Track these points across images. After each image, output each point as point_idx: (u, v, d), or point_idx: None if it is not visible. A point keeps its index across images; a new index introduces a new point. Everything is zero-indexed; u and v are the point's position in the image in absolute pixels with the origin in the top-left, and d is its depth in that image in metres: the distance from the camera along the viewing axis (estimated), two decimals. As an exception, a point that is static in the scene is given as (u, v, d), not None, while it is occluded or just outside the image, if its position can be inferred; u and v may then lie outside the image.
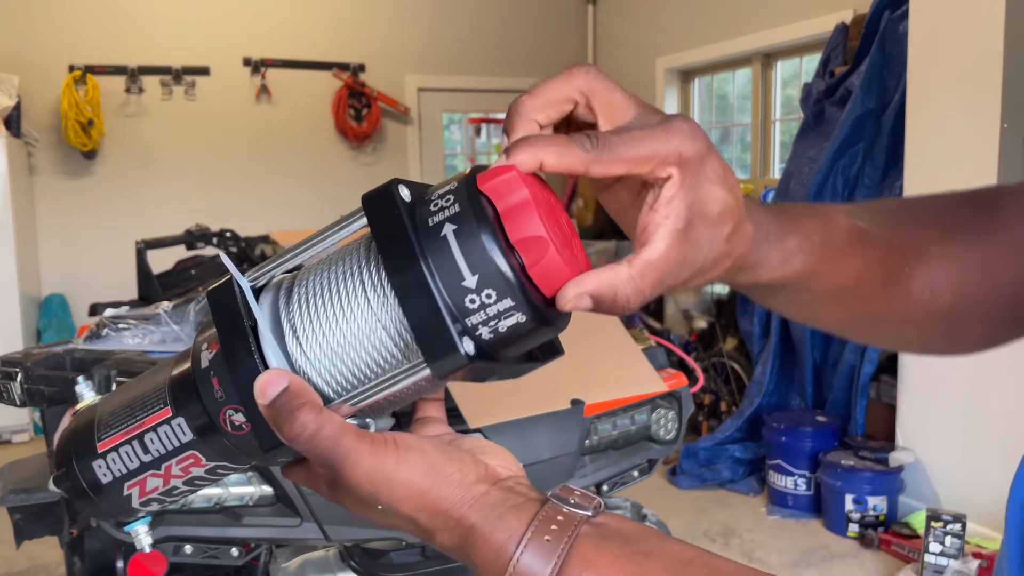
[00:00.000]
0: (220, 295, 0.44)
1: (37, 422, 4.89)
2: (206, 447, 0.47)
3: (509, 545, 0.40)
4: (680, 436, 1.96)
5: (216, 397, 0.45)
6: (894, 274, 0.53)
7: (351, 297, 0.42)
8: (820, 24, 4.41)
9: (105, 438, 0.49)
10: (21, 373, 1.44)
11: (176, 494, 0.51)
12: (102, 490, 0.50)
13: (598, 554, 0.40)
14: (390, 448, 0.43)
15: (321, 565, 1.76)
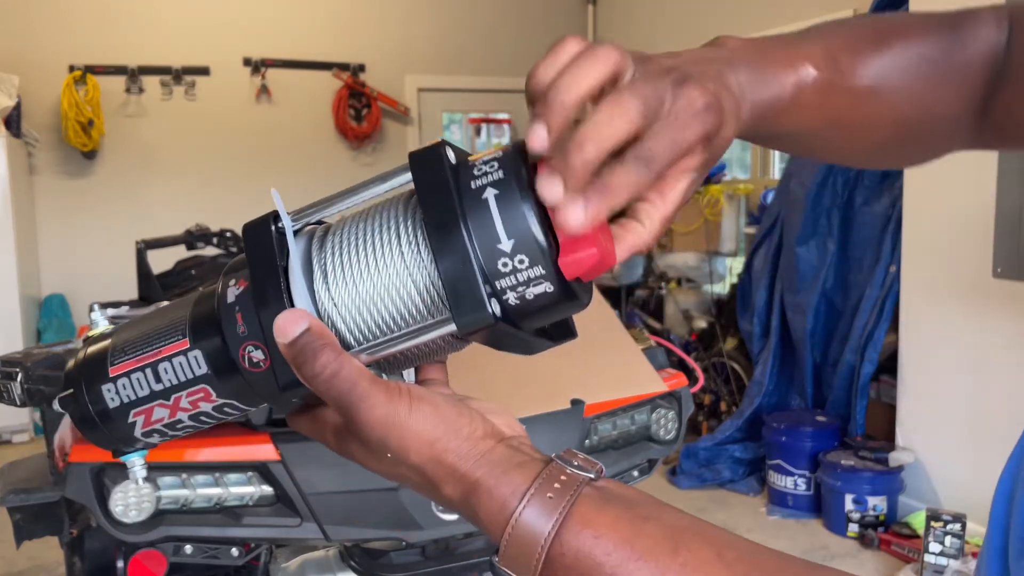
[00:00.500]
0: (257, 232, 0.45)
1: (37, 422, 4.89)
2: (219, 383, 0.48)
3: (512, 500, 0.41)
4: (680, 436, 1.96)
5: (238, 332, 0.46)
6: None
7: (385, 249, 0.43)
8: (820, 24, 4.41)
9: (118, 363, 0.50)
10: (21, 373, 1.44)
11: (180, 427, 0.51)
12: (108, 415, 0.50)
13: (598, 514, 0.41)
14: (404, 396, 0.44)
15: (321, 565, 1.76)
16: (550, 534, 0.40)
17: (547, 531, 0.40)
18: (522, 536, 0.41)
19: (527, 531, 0.41)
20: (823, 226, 3.87)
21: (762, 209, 4.66)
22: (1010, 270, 2.94)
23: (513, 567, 0.41)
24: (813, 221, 3.86)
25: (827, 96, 0.54)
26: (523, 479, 0.42)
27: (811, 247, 3.89)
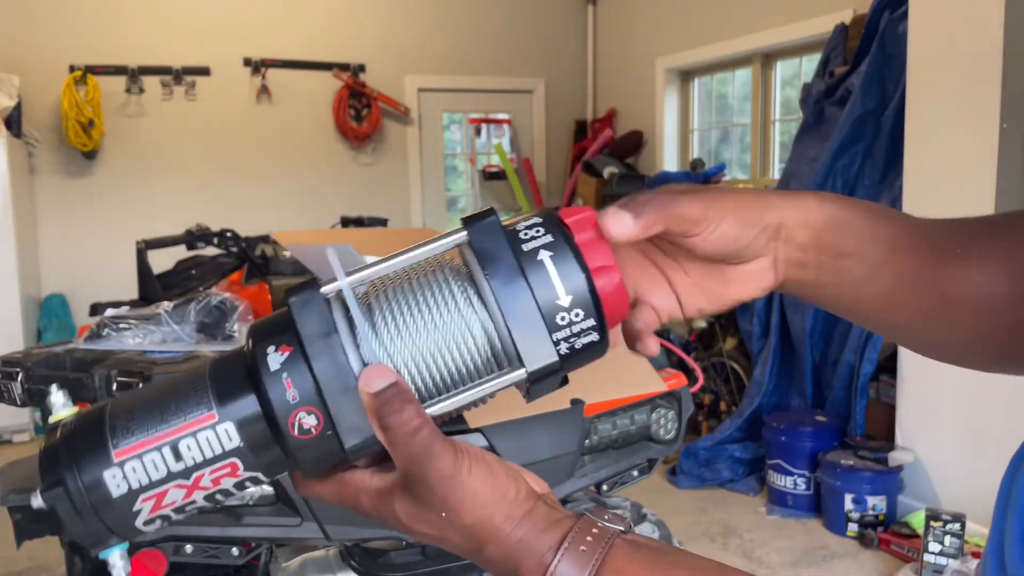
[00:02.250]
0: (305, 296, 0.46)
1: (37, 422, 4.89)
2: (251, 455, 0.46)
3: (549, 555, 0.44)
4: (680, 436, 1.97)
5: (288, 399, 0.44)
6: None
7: (441, 306, 0.46)
8: (820, 24, 4.41)
9: (124, 445, 0.45)
10: (22, 373, 1.45)
11: (188, 509, 0.47)
12: (109, 504, 0.45)
13: (628, 563, 0.43)
14: (465, 456, 0.46)
15: (321, 565, 1.76)
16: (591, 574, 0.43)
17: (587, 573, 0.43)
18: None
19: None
20: (823, 226, 3.87)
21: (762, 209, 4.65)
22: (1010, 270, 2.94)
23: None
24: (813, 221, 3.86)
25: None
26: (559, 534, 0.45)
27: (811, 247, 3.89)
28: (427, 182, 6.59)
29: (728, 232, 0.51)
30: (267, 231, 3.44)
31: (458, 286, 0.46)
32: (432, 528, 0.47)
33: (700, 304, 0.56)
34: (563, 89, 6.80)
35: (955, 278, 0.53)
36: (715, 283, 0.55)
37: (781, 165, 4.95)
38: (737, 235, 0.52)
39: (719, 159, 5.68)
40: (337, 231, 3.81)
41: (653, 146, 6.07)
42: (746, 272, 0.54)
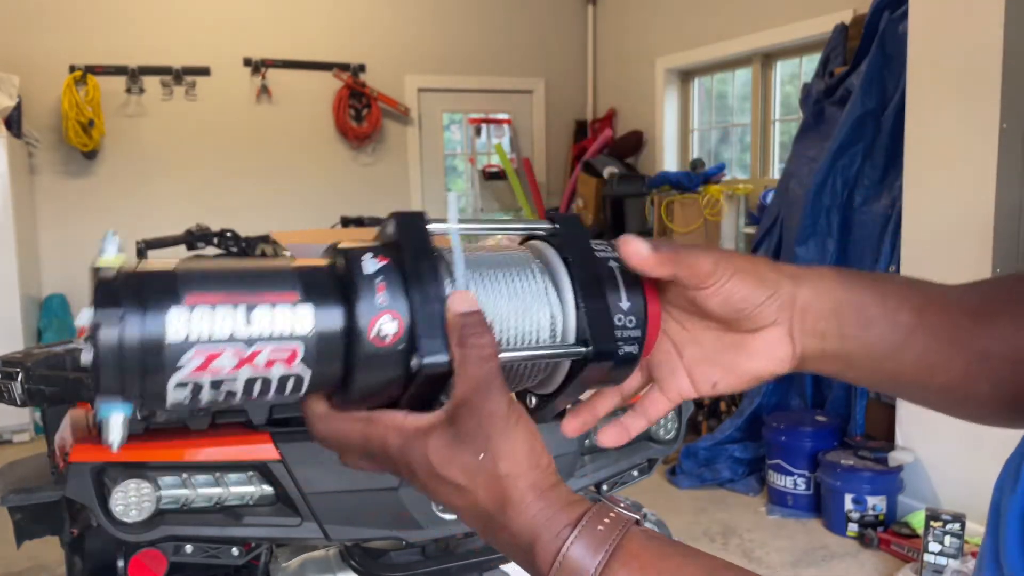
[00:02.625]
0: (412, 220, 0.49)
1: (38, 422, 4.89)
2: (315, 347, 0.44)
3: (565, 532, 0.44)
4: (680, 436, 1.97)
5: (376, 302, 0.45)
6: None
7: (524, 283, 0.50)
8: (820, 24, 4.41)
9: (197, 292, 0.43)
10: (22, 373, 1.45)
11: (221, 389, 0.44)
12: (157, 349, 0.41)
13: (644, 550, 0.44)
14: (517, 407, 0.46)
15: (321, 565, 1.77)
16: (600, 563, 0.43)
17: (598, 561, 0.43)
18: (572, 566, 0.43)
19: (577, 562, 0.43)
20: (823, 226, 3.87)
21: (761, 209, 4.66)
22: (1010, 270, 2.94)
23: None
24: (813, 221, 3.86)
25: None
26: (576, 514, 0.45)
27: (811, 247, 3.89)
28: (427, 182, 6.59)
29: (737, 289, 0.52)
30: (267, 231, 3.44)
31: (540, 275, 0.51)
32: (462, 473, 0.45)
33: (714, 377, 0.55)
34: (563, 89, 6.80)
35: (992, 336, 0.52)
36: (730, 355, 0.55)
37: (781, 165, 4.95)
38: (746, 294, 0.52)
39: (719, 159, 5.68)
40: (337, 231, 3.81)
41: (653, 146, 6.07)
42: (761, 342, 0.54)
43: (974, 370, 0.53)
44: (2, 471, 1.74)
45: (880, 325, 0.53)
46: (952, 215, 3.19)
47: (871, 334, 0.53)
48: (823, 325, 0.54)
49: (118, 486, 1.43)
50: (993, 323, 0.53)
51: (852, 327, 0.53)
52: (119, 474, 1.46)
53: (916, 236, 3.36)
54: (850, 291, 0.54)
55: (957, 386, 0.54)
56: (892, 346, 0.53)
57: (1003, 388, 0.53)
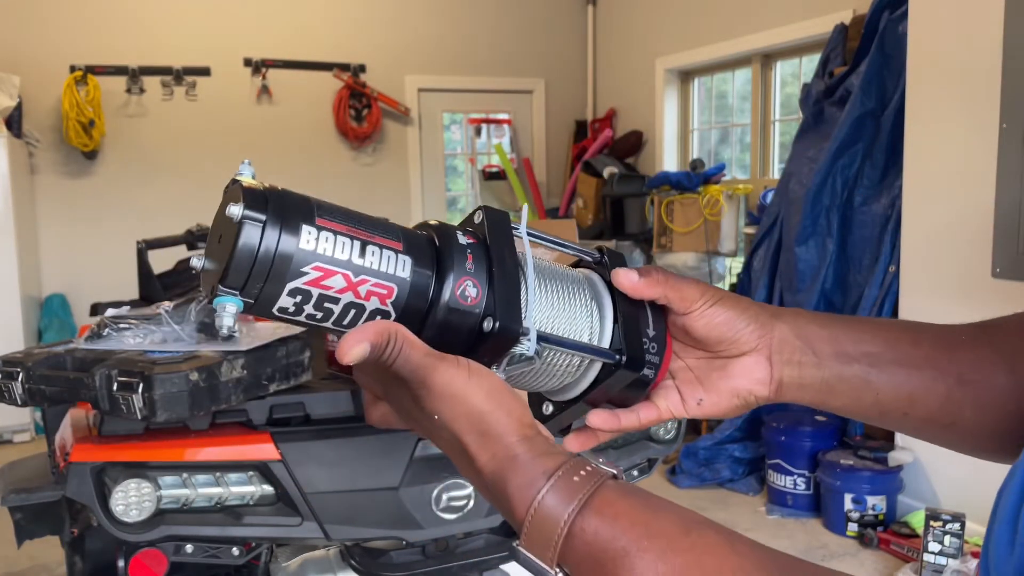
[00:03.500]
0: (499, 217, 0.56)
1: (38, 422, 4.90)
2: (408, 293, 0.51)
3: (540, 479, 0.46)
4: (680, 436, 1.97)
5: (466, 267, 0.52)
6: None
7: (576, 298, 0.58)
8: (819, 24, 4.41)
9: (327, 220, 0.49)
10: (22, 373, 1.45)
11: (325, 306, 0.50)
12: (287, 256, 0.47)
13: (618, 501, 0.45)
14: (463, 368, 0.49)
15: (321, 564, 1.77)
16: (573, 510, 0.44)
17: (571, 508, 0.44)
18: (546, 513, 0.45)
19: (551, 509, 0.44)
20: (822, 226, 3.87)
21: (761, 209, 4.66)
22: (1009, 270, 2.94)
23: (534, 541, 0.45)
24: (812, 221, 3.86)
25: None
26: (553, 463, 0.46)
27: (810, 247, 3.89)
28: (427, 182, 6.59)
29: (720, 314, 0.58)
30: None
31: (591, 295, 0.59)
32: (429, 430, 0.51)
33: (699, 395, 0.60)
34: (563, 89, 6.80)
35: (968, 361, 0.57)
36: (714, 375, 0.60)
37: (781, 165, 4.95)
38: (728, 318, 0.58)
39: (719, 159, 5.68)
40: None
41: (653, 146, 6.07)
42: (741, 365, 0.59)
43: (955, 396, 0.56)
44: (2, 471, 1.74)
45: (854, 357, 0.58)
46: (952, 215, 3.19)
47: (847, 366, 0.58)
48: (799, 356, 0.59)
49: (118, 486, 1.44)
50: (969, 349, 0.58)
51: (828, 359, 0.58)
52: (119, 474, 1.46)
53: (916, 236, 3.36)
54: (824, 327, 0.59)
55: (939, 414, 0.57)
56: (868, 376, 0.58)
57: (986, 414, 0.56)
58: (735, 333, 0.58)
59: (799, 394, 0.59)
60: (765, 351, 0.59)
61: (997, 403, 0.56)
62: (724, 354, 0.60)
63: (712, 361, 0.60)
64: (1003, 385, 0.56)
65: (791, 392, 0.59)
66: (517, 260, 0.55)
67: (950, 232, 3.20)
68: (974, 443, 0.59)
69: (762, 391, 0.59)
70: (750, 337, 0.58)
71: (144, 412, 1.35)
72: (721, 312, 0.58)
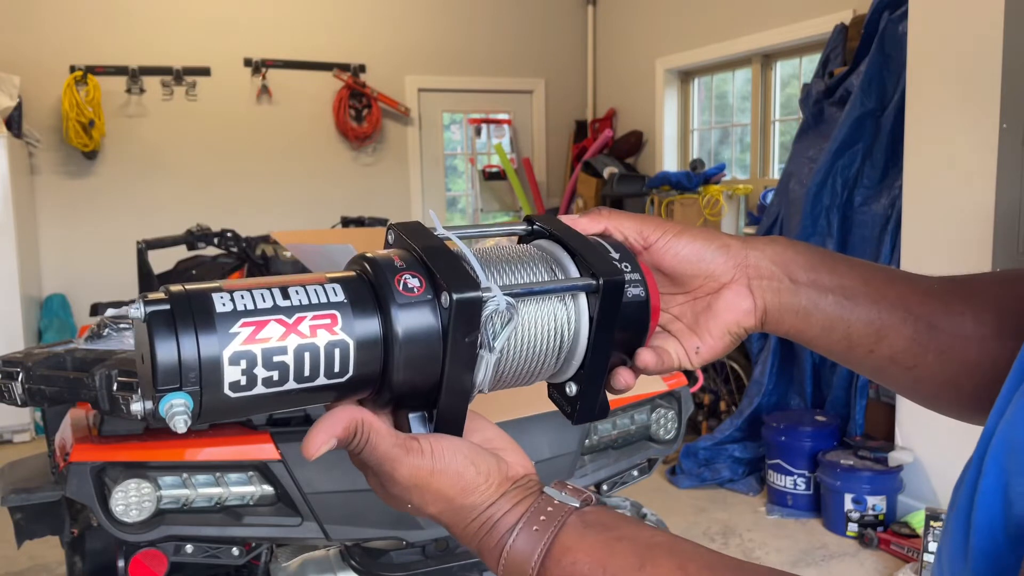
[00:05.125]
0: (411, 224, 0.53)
1: (38, 422, 4.90)
2: (352, 311, 0.48)
3: (507, 536, 0.48)
4: (680, 436, 1.97)
5: (396, 265, 0.49)
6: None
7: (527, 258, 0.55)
8: (819, 25, 4.41)
9: (233, 287, 0.48)
10: (22, 373, 1.45)
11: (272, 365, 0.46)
12: (210, 321, 0.45)
13: (578, 541, 0.47)
14: (427, 458, 0.49)
15: (321, 564, 1.77)
16: (535, 563, 0.46)
17: (532, 561, 0.47)
18: (514, 566, 0.47)
19: (517, 562, 0.47)
20: (822, 226, 3.87)
21: (761, 209, 4.66)
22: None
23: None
24: (813, 221, 3.87)
25: None
26: (516, 515, 0.49)
27: (811, 247, 3.89)
28: (427, 182, 6.59)
29: (684, 245, 0.58)
30: (267, 231, 3.45)
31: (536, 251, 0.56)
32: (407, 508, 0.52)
33: (695, 343, 0.59)
34: (563, 89, 6.80)
35: (938, 308, 0.57)
36: (703, 319, 0.59)
37: (781, 165, 4.95)
38: (694, 249, 0.58)
39: (719, 159, 5.68)
40: (337, 231, 3.81)
41: (653, 146, 6.07)
42: (724, 300, 0.59)
43: (921, 338, 0.57)
44: (2, 471, 1.74)
45: (829, 287, 0.58)
46: (952, 215, 3.19)
47: (822, 296, 0.58)
48: (776, 283, 0.58)
49: (118, 486, 1.44)
50: (941, 300, 0.58)
51: (804, 286, 0.58)
52: (119, 474, 1.46)
53: (916, 236, 3.36)
54: (801, 254, 0.59)
55: (904, 355, 0.57)
56: (841, 308, 0.57)
57: (949, 362, 0.57)
58: (706, 264, 0.58)
59: (779, 321, 0.59)
60: (743, 280, 0.58)
61: (960, 353, 0.56)
62: (704, 290, 0.59)
63: (696, 304, 0.60)
64: (969, 335, 0.56)
65: (773, 318, 0.59)
66: (445, 246, 0.51)
67: (950, 232, 3.20)
68: (933, 390, 0.59)
69: (749, 321, 0.59)
70: (725, 266, 0.58)
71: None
72: (687, 243, 0.58)
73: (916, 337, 0.57)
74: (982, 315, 0.57)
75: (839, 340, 0.59)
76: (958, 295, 0.59)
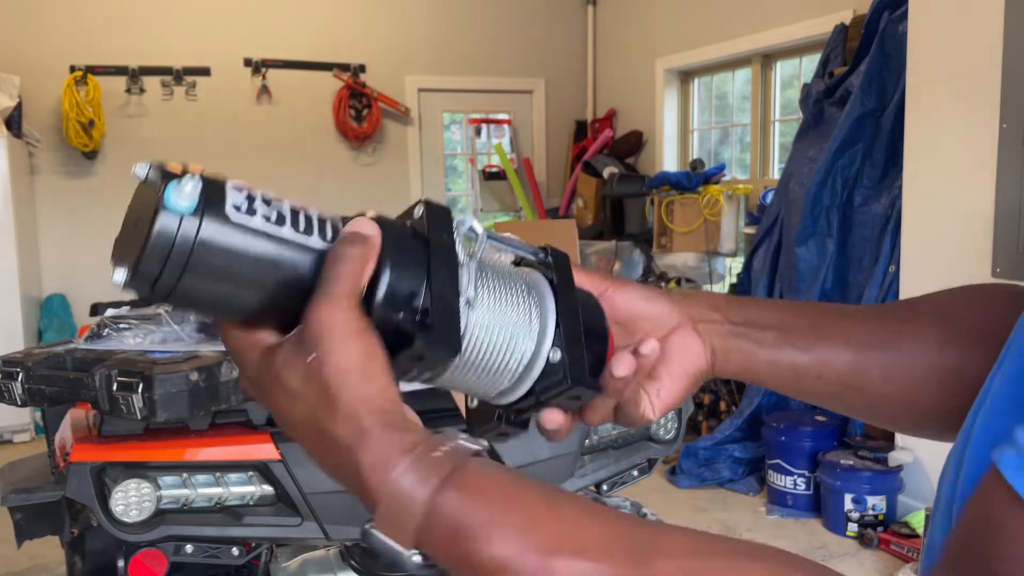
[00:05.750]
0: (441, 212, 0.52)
1: (38, 422, 4.89)
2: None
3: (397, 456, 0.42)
4: (679, 436, 1.97)
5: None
6: None
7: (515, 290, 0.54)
8: (819, 25, 4.41)
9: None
10: (22, 373, 1.45)
11: (272, 207, 0.49)
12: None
13: (480, 474, 0.42)
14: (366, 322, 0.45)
15: (321, 564, 1.77)
16: (433, 489, 0.41)
17: (430, 487, 0.41)
18: (403, 492, 0.41)
19: (408, 488, 0.41)
20: (822, 226, 3.87)
21: (761, 209, 4.66)
22: (1009, 270, 2.94)
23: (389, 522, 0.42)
24: (812, 221, 3.87)
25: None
26: (411, 440, 0.43)
27: (810, 247, 3.89)
28: (427, 182, 6.59)
29: (632, 292, 0.60)
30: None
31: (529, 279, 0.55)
32: (296, 376, 0.45)
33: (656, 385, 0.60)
34: (563, 89, 6.80)
35: (875, 331, 0.60)
36: (658, 363, 0.59)
37: (781, 165, 4.95)
38: (641, 294, 0.60)
39: (719, 159, 5.68)
40: (337, 231, 3.81)
41: (653, 146, 6.07)
42: (674, 344, 0.60)
43: (863, 360, 0.59)
44: (2, 471, 1.74)
45: (764, 323, 0.60)
46: (952, 215, 3.19)
47: (761, 333, 0.60)
48: (718, 325, 0.60)
49: (118, 486, 1.44)
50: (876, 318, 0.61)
51: (743, 326, 0.60)
52: (119, 474, 1.46)
53: (916, 236, 3.36)
54: (729, 299, 0.62)
55: (850, 376, 0.59)
56: (780, 342, 0.59)
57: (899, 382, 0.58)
58: (654, 307, 0.60)
59: (727, 362, 0.60)
60: (689, 324, 0.60)
61: (906, 368, 0.58)
62: (654, 335, 0.59)
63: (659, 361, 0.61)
64: (910, 349, 0.58)
65: (721, 360, 0.60)
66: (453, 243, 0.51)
67: (950, 232, 3.20)
68: (892, 411, 0.61)
69: (701, 362, 0.60)
70: (671, 312, 0.60)
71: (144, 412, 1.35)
72: (632, 290, 0.60)
73: (857, 359, 0.59)
74: (923, 329, 0.59)
75: (786, 373, 0.60)
76: (895, 315, 0.61)
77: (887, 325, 0.60)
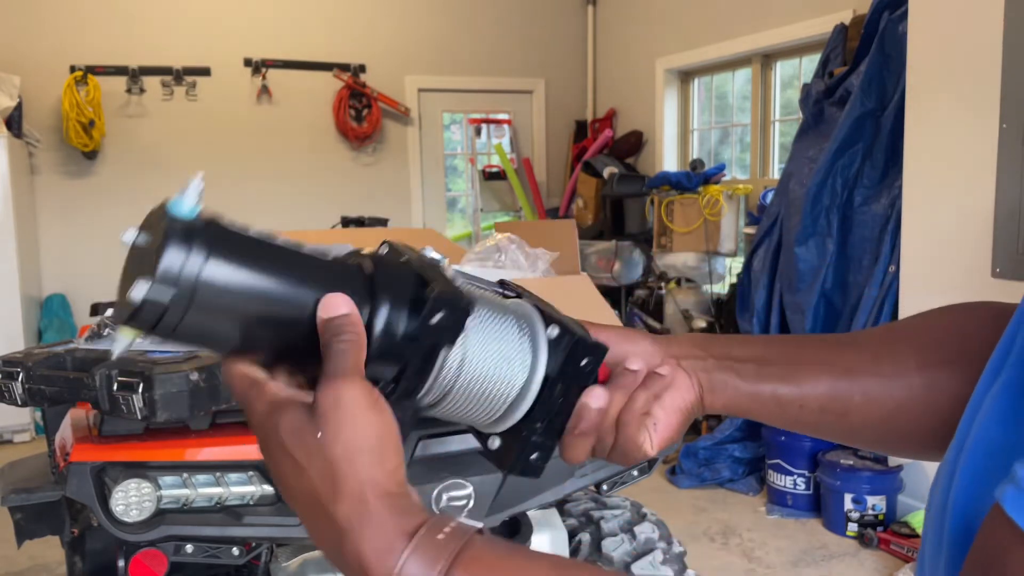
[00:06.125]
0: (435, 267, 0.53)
1: (38, 422, 4.90)
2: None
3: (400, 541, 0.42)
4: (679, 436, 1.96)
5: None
6: None
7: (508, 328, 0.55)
8: (819, 25, 4.41)
9: None
10: (22, 373, 1.45)
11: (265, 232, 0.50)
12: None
13: (486, 553, 0.42)
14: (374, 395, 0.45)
15: (322, 565, 1.77)
16: (441, 570, 0.41)
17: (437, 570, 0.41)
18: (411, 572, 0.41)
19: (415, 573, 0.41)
20: (822, 226, 3.87)
21: (761, 209, 4.66)
22: (1009, 270, 2.94)
23: None
24: (812, 221, 3.86)
25: None
26: (414, 522, 0.43)
27: (810, 247, 3.89)
28: (427, 182, 6.59)
29: (614, 332, 0.61)
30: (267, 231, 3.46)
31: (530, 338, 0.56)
32: (302, 450, 0.44)
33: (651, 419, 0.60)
34: (563, 89, 6.80)
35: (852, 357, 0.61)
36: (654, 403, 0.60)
37: (781, 165, 4.95)
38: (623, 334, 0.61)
39: (719, 159, 5.68)
40: (337, 231, 3.81)
41: (653, 146, 6.07)
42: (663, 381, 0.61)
43: (843, 385, 0.60)
44: (2, 471, 1.74)
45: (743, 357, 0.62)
46: (952, 215, 3.19)
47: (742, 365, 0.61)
48: (702, 361, 0.62)
49: (118, 486, 1.44)
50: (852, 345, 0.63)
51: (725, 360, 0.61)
52: (119, 474, 1.46)
53: (916, 236, 3.36)
54: (707, 336, 0.64)
55: (831, 402, 0.61)
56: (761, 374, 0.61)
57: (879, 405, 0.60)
58: (638, 345, 0.61)
59: (714, 397, 0.61)
60: (673, 361, 0.61)
61: (886, 392, 0.60)
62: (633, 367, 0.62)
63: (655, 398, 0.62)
64: (889, 373, 0.60)
65: (708, 395, 0.61)
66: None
67: (950, 232, 3.20)
68: (876, 435, 0.62)
69: (691, 395, 0.61)
70: (654, 349, 0.61)
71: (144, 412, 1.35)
72: (614, 330, 0.62)
73: (838, 385, 0.60)
74: (901, 353, 0.60)
75: (769, 403, 0.61)
76: (872, 340, 0.63)
77: (865, 351, 0.62)
